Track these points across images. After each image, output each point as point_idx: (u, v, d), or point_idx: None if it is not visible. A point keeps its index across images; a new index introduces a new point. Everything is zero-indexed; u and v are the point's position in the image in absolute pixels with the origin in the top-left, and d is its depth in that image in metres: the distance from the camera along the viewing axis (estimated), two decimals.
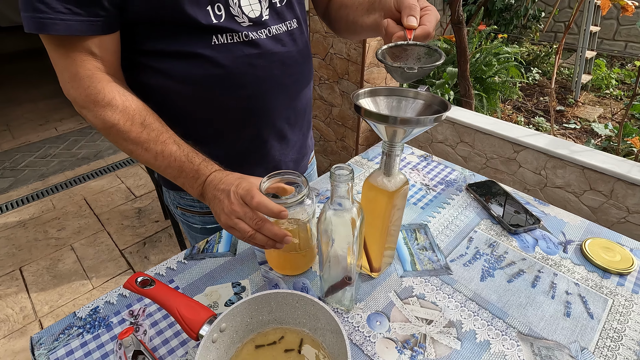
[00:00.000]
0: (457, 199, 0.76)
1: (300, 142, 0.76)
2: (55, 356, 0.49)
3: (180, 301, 0.46)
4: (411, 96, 0.47)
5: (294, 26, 0.65)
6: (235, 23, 0.57)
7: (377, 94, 0.48)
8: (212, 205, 0.53)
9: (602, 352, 0.48)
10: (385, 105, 0.48)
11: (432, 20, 0.50)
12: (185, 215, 0.77)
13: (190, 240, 0.84)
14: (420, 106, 0.46)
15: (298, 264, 0.60)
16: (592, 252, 0.62)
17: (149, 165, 0.57)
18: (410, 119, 0.40)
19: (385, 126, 0.43)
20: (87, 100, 0.53)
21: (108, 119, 0.53)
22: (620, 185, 1.18)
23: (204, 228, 0.77)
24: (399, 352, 0.49)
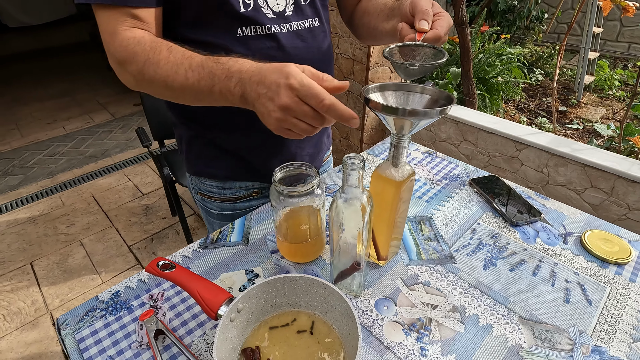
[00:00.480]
0: (460, 193, 0.79)
1: (317, 136, 0.79)
2: (80, 335, 0.52)
3: (199, 283, 0.49)
4: (418, 91, 0.50)
5: (316, 24, 0.68)
6: (261, 14, 0.60)
7: (386, 88, 0.51)
8: (257, 105, 0.46)
9: (600, 335, 0.51)
10: (394, 99, 0.50)
11: (444, 25, 0.51)
12: (204, 200, 0.81)
13: (208, 226, 0.88)
14: (427, 100, 0.49)
15: (308, 252, 0.62)
16: (591, 243, 0.64)
17: (185, 89, 0.51)
18: (417, 110, 0.43)
19: (394, 118, 0.45)
20: (120, 48, 0.53)
21: (139, 57, 0.52)
22: (620, 183, 1.21)
23: (220, 214, 0.80)
24: (406, 334, 0.51)
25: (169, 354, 0.49)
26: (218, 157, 0.74)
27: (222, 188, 0.77)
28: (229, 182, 0.77)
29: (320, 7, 0.69)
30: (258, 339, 0.49)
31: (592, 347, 0.49)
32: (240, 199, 0.79)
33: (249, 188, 0.78)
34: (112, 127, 3.05)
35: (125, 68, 0.54)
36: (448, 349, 0.49)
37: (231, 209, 0.80)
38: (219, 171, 0.75)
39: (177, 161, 1.68)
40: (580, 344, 0.50)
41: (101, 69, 4.19)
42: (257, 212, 0.74)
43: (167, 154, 1.72)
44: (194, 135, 0.73)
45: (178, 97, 0.55)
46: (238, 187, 0.77)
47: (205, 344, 0.51)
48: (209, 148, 0.73)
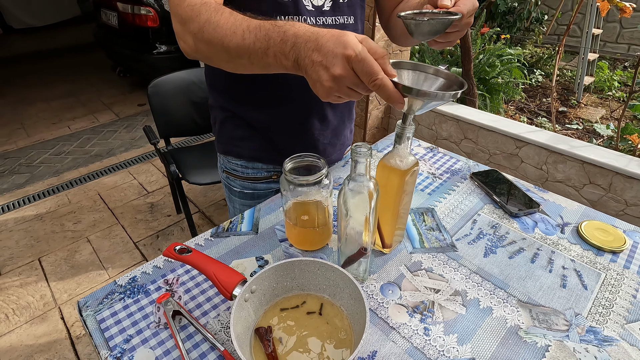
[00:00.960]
0: (461, 186, 0.81)
1: (339, 126, 0.83)
2: (101, 316, 0.55)
3: (215, 266, 0.51)
4: (431, 73, 0.50)
5: (350, 22, 0.71)
6: (300, 5, 0.64)
7: (400, 66, 0.51)
8: (310, 72, 0.45)
9: (595, 317, 0.54)
10: (405, 78, 0.51)
11: (468, 4, 0.51)
12: (228, 178, 0.88)
13: (229, 204, 0.95)
14: (439, 83, 0.50)
15: (315, 240, 0.65)
16: (588, 233, 0.67)
17: (240, 50, 0.51)
18: (428, 92, 0.43)
19: (409, 97, 0.44)
20: (188, 9, 0.54)
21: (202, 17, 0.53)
22: (618, 179, 1.23)
23: (241, 192, 0.87)
24: (410, 316, 0.54)
25: (186, 333, 0.52)
26: (246, 139, 0.80)
27: (246, 167, 0.84)
28: (253, 163, 0.83)
29: (357, 6, 0.72)
30: (270, 320, 0.52)
31: (587, 327, 0.52)
32: (261, 180, 0.85)
33: (270, 170, 0.84)
34: (117, 126, 3.09)
35: (187, 27, 0.55)
36: (450, 329, 0.52)
37: (252, 189, 0.86)
38: (246, 151, 0.82)
39: (183, 159, 1.71)
40: (575, 325, 0.52)
41: (105, 69, 4.23)
42: (265, 204, 0.77)
43: (173, 152, 1.75)
44: (229, 116, 0.80)
45: (233, 60, 0.54)
46: (260, 167, 0.83)
47: (219, 325, 0.53)
48: (240, 129, 0.79)
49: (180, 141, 2.78)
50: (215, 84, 0.79)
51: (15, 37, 5.64)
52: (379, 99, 1.89)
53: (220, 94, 0.79)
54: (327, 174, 0.59)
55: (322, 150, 0.83)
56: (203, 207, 2.17)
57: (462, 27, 0.54)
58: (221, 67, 0.58)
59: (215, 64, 0.58)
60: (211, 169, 1.64)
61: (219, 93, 0.80)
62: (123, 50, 3.29)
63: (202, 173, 1.62)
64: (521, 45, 3.97)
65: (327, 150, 0.84)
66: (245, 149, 0.81)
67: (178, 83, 1.67)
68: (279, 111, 0.75)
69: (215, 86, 0.80)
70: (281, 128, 0.78)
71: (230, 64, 0.55)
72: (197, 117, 1.73)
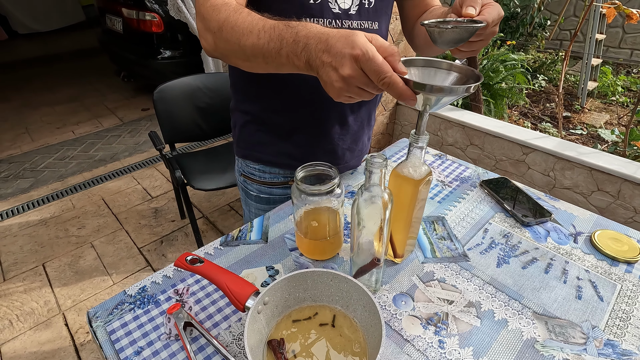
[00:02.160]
0: (471, 194, 0.81)
1: (359, 132, 0.83)
2: (111, 327, 0.54)
3: (227, 277, 0.51)
4: (445, 67, 0.50)
5: (375, 28, 0.71)
6: (327, 7, 0.65)
7: (413, 63, 0.50)
8: (321, 73, 0.45)
9: (612, 330, 0.53)
10: (419, 75, 0.51)
11: (493, 13, 0.50)
12: (246, 182, 0.88)
13: (244, 207, 0.95)
14: (454, 78, 0.49)
15: (326, 249, 0.65)
16: (601, 243, 0.66)
17: (255, 50, 0.52)
18: (443, 87, 0.43)
19: (422, 94, 0.43)
20: (210, 8, 0.56)
21: (221, 15, 0.55)
22: (627, 186, 1.22)
23: (257, 196, 0.87)
24: (424, 328, 0.53)
25: (197, 344, 0.51)
26: (266, 143, 0.81)
27: (263, 172, 0.84)
28: (271, 167, 0.83)
29: (383, 13, 0.72)
30: (282, 332, 0.51)
31: (605, 340, 0.51)
32: (278, 185, 0.85)
33: (287, 176, 0.84)
34: (121, 131, 3.10)
35: (208, 25, 0.57)
36: (465, 342, 0.51)
37: (268, 193, 0.86)
38: (265, 156, 0.82)
39: (188, 164, 1.71)
40: (593, 338, 0.51)
41: (109, 74, 4.25)
42: (274, 212, 0.76)
43: (178, 157, 1.75)
44: (249, 120, 0.80)
45: (249, 59, 0.55)
46: (278, 172, 0.84)
47: (231, 336, 0.53)
48: (260, 133, 0.80)
49: (184, 146, 2.79)
50: (238, 87, 0.79)
51: (20, 42, 5.69)
52: (384, 104, 1.89)
53: (242, 96, 0.80)
54: (339, 183, 0.59)
55: (340, 156, 0.83)
56: (207, 212, 2.16)
57: (486, 36, 0.53)
58: (239, 66, 0.59)
59: (233, 62, 0.59)
60: (216, 174, 1.64)
61: (241, 95, 0.80)
62: (127, 55, 3.31)
63: (207, 179, 1.61)
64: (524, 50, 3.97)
65: (346, 155, 0.84)
66: (265, 154, 0.82)
67: (184, 88, 1.67)
68: (300, 114, 0.75)
69: (238, 89, 0.80)
70: (302, 132, 0.78)
71: (247, 62, 0.56)
72: (202, 123, 1.73)
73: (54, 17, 6.09)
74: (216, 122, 1.75)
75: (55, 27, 6.15)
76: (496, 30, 0.53)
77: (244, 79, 0.76)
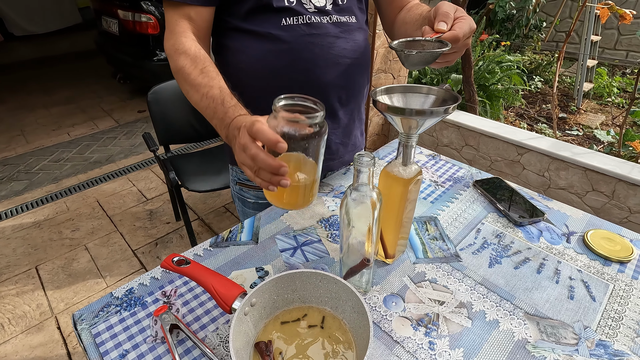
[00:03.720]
0: (464, 194, 0.80)
1: (350, 125, 0.83)
2: (96, 330, 0.53)
3: (214, 278, 0.50)
4: (424, 92, 0.52)
5: (352, 21, 0.74)
6: (302, 7, 0.68)
7: (393, 91, 0.53)
8: (232, 145, 0.54)
9: (604, 330, 0.52)
10: (402, 100, 0.52)
11: (464, 27, 0.52)
12: (242, 190, 0.87)
13: (241, 216, 0.94)
14: (433, 101, 0.51)
15: (298, 196, 0.53)
16: (594, 242, 0.66)
17: (197, 106, 0.63)
18: (424, 110, 0.45)
19: (401, 118, 0.47)
20: (172, 48, 0.66)
21: (180, 62, 0.64)
22: (621, 186, 1.22)
23: (256, 203, 0.86)
24: (414, 329, 0.52)
25: (183, 347, 0.50)
26: None
27: None
28: None
29: (355, 7, 0.75)
30: (270, 334, 0.50)
31: (597, 341, 0.51)
32: None
33: None
34: (117, 133, 3.08)
35: (170, 62, 0.68)
36: (456, 343, 0.50)
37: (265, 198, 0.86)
38: None
39: (182, 166, 1.70)
40: (585, 339, 0.51)
41: (106, 76, 4.23)
42: (266, 212, 0.76)
43: (173, 159, 1.74)
44: None
45: (190, 100, 0.66)
46: None
47: (218, 339, 0.52)
48: None
49: (180, 148, 2.77)
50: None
51: (16, 44, 5.67)
52: None
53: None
54: (324, 122, 0.48)
55: (335, 150, 0.83)
56: (202, 214, 2.15)
57: (459, 48, 0.55)
58: None
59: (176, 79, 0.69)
60: (211, 176, 1.63)
61: None
62: (124, 57, 3.30)
63: (201, 180, 1.60)
64: (520, 52, 3.99)
65: (340, 150, 0.84)
66: None
67: (178, 90, 1.66)
68: None
69: None
70: None
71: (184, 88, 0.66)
72: (197, 124, 1.72)
73: (50, 19, 6.08)
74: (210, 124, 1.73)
75: (52, 29, 6.13)
76: (469, 42, 0.55)
77: (230, 84, 0.75)
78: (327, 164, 0.83)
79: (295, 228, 0.71)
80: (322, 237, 0.69)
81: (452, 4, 0.53)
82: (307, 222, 0.73)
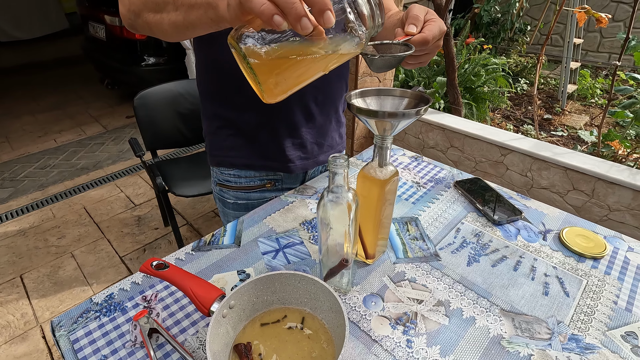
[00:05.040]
0: (445, 195, 0.82)
1: (326, 126, 0.84)
2: (75, 336, 0.53)
3: (192, 281, 0.50)
4: (397, 95, 0.53)
5: None
6: None
7: (367, 94, 0.54)
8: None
9: (577, 324, 0.53)
10: (376, 103, 0.54)
11: (433, 29, 0.52)
12: (222, 191, 0.88)
13: (222, 218, 0.94)
14: (406, 103, 0.52)
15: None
16: (569, 240, 0.68)
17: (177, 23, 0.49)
18: (396, 112, 0.46)
19: (375, 121, 0.48)
20: None
21: None
22: (600, 185, 1.25)
23: (235, 203, 0.87)
24: (393, 328, 0.53)
25: (163, 351, 0.50)
26: (238, 147, 0.82)
27: (238, 177, 0.85)
28: (246, 171, 0.84)
29: None
30: (250, 335, 0.50)
31: (570, 335, 0.52)
32: (255, 189, 0.85)
33: (262, 178, 0.85)
34: (104, 139, 3.05)
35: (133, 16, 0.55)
36: (433, 341, 0.51)
37: (246, 199, 0.86)
38: (238, 160, 0.83)
39: (169, 171, 1.69)
40: (558, 333, 0.52)
41: (93, 82, 4.20)
42: (248, 216, 0.76)
43: (160, 164, 1.73)
44: (220, 125, 0.81)
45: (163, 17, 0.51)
46: (253, 176, 0.84)
47: (198, 342, 0.52)
48: (231, 138, 0.81)
49: (168, 153, 2.76)
50: (207, 91, 0.81)
51: (1, 50, 5.59)
52: None
53: (211, 100, 0.81)
54: None
55: (310, 150, 0.84)
56: (191, 219, 2.14)
57: (430, 50, 0.55)
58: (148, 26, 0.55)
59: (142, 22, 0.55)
60: (198, 180, 1.62)
61: (210, 100, 0.81)
62: (111, 63, 3.28)
63: (189, 185, 1.60)
64: (506, 54, 4.06)
65: (315, 150, 0.85)
66: (237, 158, 0.83)
67: (165, 95, 1.66)
68: (265, 108, 0.76)
69: (207, 93, 0.81)
70: (270, 127, 0.79)
71: (157, 15, 0.52)
72: (184, 129, 1.72)
73: (36, 25, 6.01)
74: (198, 128, 1.73)
75: (38, 34, 6.06)
76: (440, 44, 0.54)
77: (213, 83, 0.77)
78: (301, 163, 0.84)
79: (278, 231, 0.72)
80: (304, 239, 0.69)
81: (423, 7, 0.54)
82: (290, 224, 0.73)
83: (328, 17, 0.33)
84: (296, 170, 0.84)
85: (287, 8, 0.32)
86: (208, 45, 0.73)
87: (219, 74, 0.74)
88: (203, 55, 0.76)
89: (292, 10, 0.32)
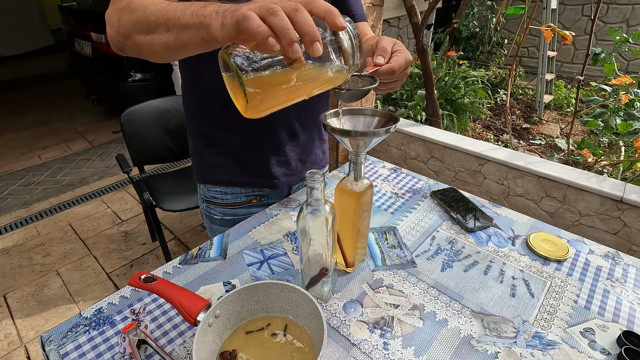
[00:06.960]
0: (422, 205, 0.86)
1: (309, 144, 0.88)
2: (64, 350, 0.54)
3: (179, 293, 0.53)
4: (369, 114, 0.57)
5: None
6: None
7: (341, 114, 0.58)
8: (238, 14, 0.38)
9: (540, 323, 0.58)
10: (350, 122, 0.58)
11: (400, 60, 0.56)
12: (209, 207, 0.90)
13: (209, 233, 0.96)
14: (377, 121, 0.57)
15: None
16: (535, 244, 0.73)
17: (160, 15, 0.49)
18: (367, 131, 0.51)
19: (349, 139, 0.53)
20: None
21: None
22: (571, 192, 1.32)
23: (222, 219, 0.89)
24: (370, 332, 0.57)
25: None
26: (224, 165, 0.84)
27: (225, 194, 0.87)
28: (232, 188, 0.86)
29: None
30: (235, 343, 0.53)
31: (533, 333, 0.56)
32: (241, 205, 0.88)
33: (249, 194, 0.87)
34: (90, 155, 3.04)
35: (116, 4, 0.56)
36: (408, 342, 0.55)
37: (232, 215, 0.89)
38: (224, 177, 0.85)
39: (157, 186, 1.70)
40: (523, 332, 0.56)
41: (79, 98, 4.18)
42: (234, 229, 0.79)
43: (147, 179, 1.75)
44: (206, 144, 0.84)
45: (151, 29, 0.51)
46: (239, 192, 0.87)
47: (185, 351, 0.54)
48: (217, 157, 0.84)
49: (155, 168, 2.76)
50: (193, 111, 0.83)
51: None
52: None
53: (197, 120, 0.83)
54: None
55: (294, 167, 0.87)
56: (179, 233, 2.14)
57: (399, 77, 0.59)
58: (139, 47, 0.55)
59: (132, 43, 0.56)
60: (185, 195, 1.64)
61: (196, 120, 0.84)
62: (97, 79, 3.28)
63: (176, 200, 1.61)
64: (485, 67, 4.21)
65: (298, 166, 0.88)
66: (223, 175, 0.85)
67: (152, 111, 1.69)
68: (250, 128, 0.80)
69: (193, 113, 0.84)
70: (254, 146, 0.82)
71: (147, 36, 0.52)
72: (171, 144, 1.74)
73: (21, 41, 5.97)
74: (185, 143, 1.75)
75: (22, 50, 6.01)
76: (407, 72, 0.59)
77: (199, 103, 0.81)
78: (286, 179, 0.87)
79: (263, 243, 0.75)
80: (288, 250, 0.73)
81: (391, 39, 0.59)
82: (274, 236, 0.76)
83: (317, 47, 0.36)
84: (281, 186, 0.87)
85: (282, 32, 0.35)
86: (194, 66, 0.76)
87: (205, 95, 0.78)
88: (189, 76, 0.79)
89: (286, 35, 0.35)
